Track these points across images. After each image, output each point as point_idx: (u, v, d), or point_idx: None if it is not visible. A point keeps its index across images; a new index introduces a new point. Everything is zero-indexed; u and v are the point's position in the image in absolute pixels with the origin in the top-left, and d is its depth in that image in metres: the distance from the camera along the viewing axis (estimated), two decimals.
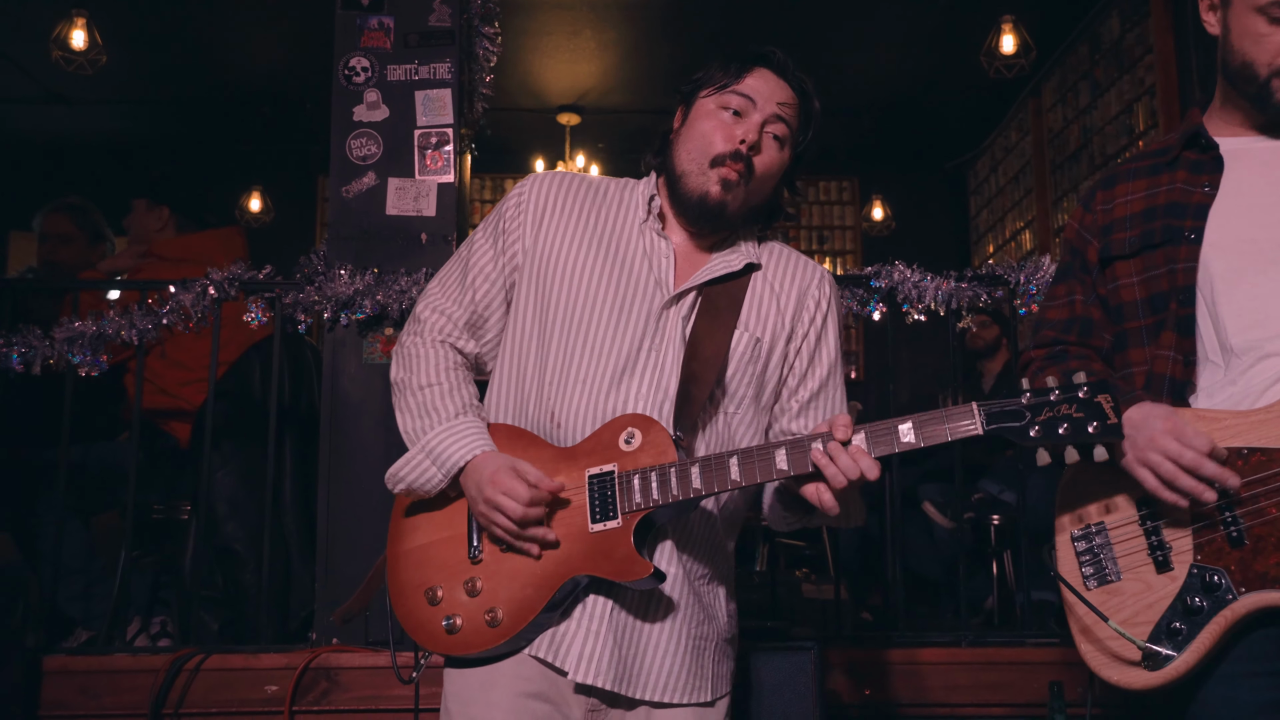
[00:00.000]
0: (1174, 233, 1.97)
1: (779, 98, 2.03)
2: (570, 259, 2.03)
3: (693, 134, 2.02)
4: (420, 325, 2.10)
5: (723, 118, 2.00)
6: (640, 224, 2.07)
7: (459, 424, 1.96)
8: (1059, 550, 1.95)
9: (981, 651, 3.23)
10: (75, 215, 4.43)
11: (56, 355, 3.23)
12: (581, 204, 2.09)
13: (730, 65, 2.03)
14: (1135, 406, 1.85)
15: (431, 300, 2.12)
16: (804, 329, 2.08)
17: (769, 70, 2.04)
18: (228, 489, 3.81)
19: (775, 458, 1.80)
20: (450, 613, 1.91)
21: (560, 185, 2.11)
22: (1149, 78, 6.11)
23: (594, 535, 1.85)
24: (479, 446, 1.93)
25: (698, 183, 2.00)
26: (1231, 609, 1.75)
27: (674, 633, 1.93)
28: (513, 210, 2.09)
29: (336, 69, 3.44)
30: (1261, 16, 1.91)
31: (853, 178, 9.40)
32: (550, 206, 2.08)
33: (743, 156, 1.99)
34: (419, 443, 1.97)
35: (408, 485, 1.98)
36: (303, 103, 7.55)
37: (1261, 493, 1.77)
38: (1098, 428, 1.70)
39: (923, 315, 3.32)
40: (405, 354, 2.09)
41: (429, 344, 2.08)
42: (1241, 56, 1.95)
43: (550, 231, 2.06)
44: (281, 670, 3.12)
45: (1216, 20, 2.03)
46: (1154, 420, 1.81)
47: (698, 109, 2.04)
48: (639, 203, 2.09)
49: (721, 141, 1.99)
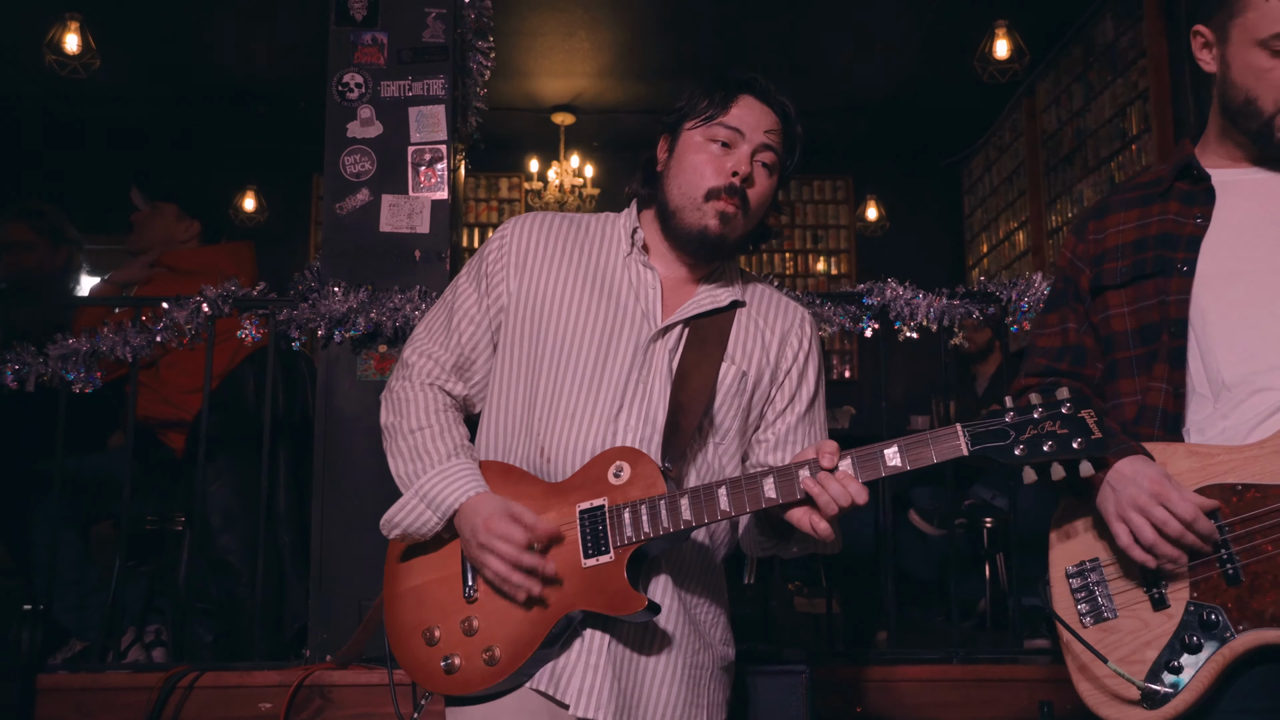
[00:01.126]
0: (1166, 264, 1.97)
1: (765, 125, 2.04)
2: (556, 297, 2.04)
3: (683, 168, 2.03)
4: (408, 370, 2.11)
5: (711, 150, 2.02)
6: (624, 257, 2.08)
7: (452, 466, 1.97)
8: (1054, 587, 1.96)
9: (972, 669, 3.24)
10: (33, 220, 4.36)
11: (50, 372, 3.22)
12: (564, 242, 2.10)
13: (714, 94, 2.04)
14: (1126, 460, 1.85)
15: (418, 345, 2.13)
16: (786, 366, 2.11)
17: (753, 97, 2.05)
18: (222, 501, 3.80)
19: (763, 486, 1.82)
20: (448, 653, 1.92)
21: (541, 226, 2.12)
22: (1142, 82, 6.11)
23: (587, 570, 1.87)
24: (473, 488, 1.94)
25: (694, 218, 2.01)
26: (1230, 647, 1.75)
27: (671, 663, 1.95)
28: (495, 254, 2.10)
29: (330, 85, 3.43)
30: (1264, 51, 1.90)
31: (847, 176, 9.41)
32: (532, 248, 2.09)
33: (738, 190, 2.00)
34: (413, 487, 1.98)
35: (403, 530, 1.99)
36: (297, 101, 7.55)
37: (1257, 530, 1.77)
38: (1082, 443, 1.71)
39: (914, 333, 3.32)
40: (395, 399, 2.10)
41: (418, 387, 2.09)
42: (1245, 93, 1.94)
43: (534, 273, 2.07)
44: (275, 688, 3.12)
45: (1213, 58, 2.02)
46: (1141, 479, 1.81)
47: (685, 141, 2.05)
48: (621, 236, 2.11)
49: (714, 175, 2.00)
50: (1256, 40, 1.91)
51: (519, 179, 9.22)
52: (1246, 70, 1.93)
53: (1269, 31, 1.89)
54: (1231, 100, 1.97)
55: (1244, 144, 2.00)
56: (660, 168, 2.10)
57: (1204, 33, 2.03)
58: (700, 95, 2.06)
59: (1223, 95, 1.99)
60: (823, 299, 3.35)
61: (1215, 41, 2.00)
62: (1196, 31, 2.04)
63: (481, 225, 9.30)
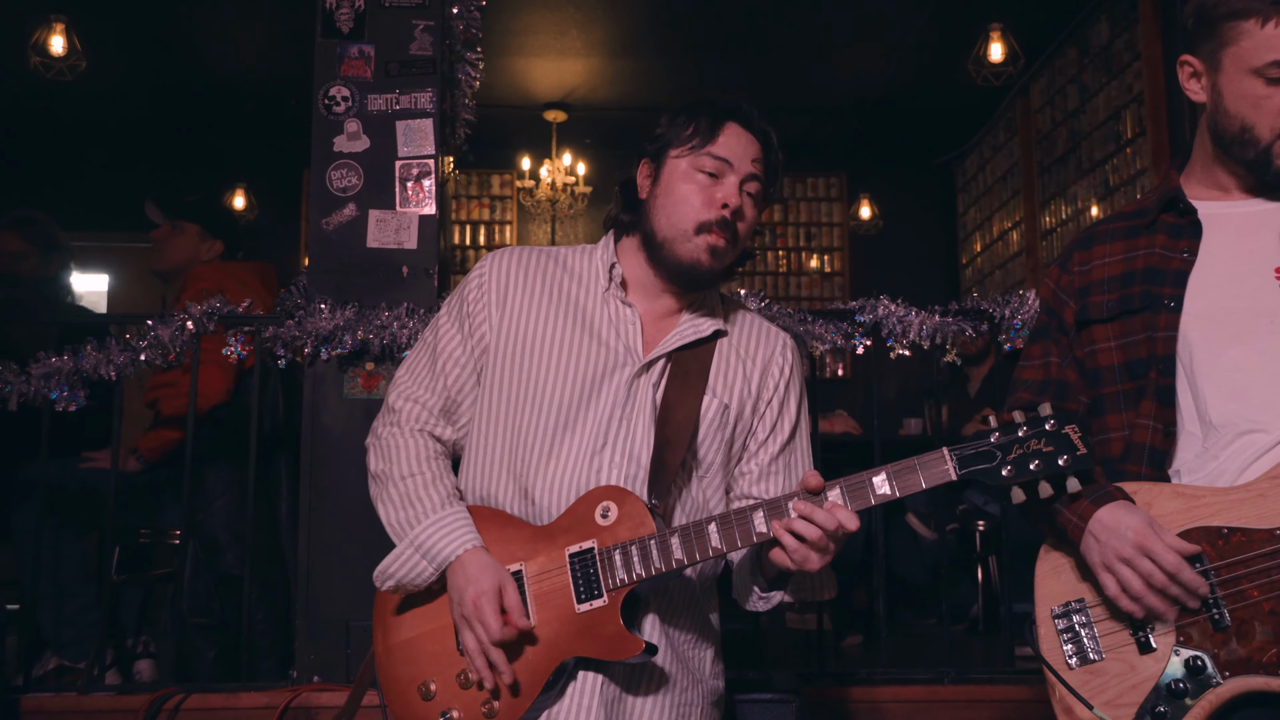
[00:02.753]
0: (1153, 300, 1.95)
1: (752, 154, 2.02)
2: (537, 335, 2.02)
3: (671, 199, 2.00)
4: (396, 415, 2.08)
5: (699, 180, 1.99)
6: (603, 293, 2.05)
7: (446, 516, 1.95)
8: (1040, 627, 1.93)
9: (964, 689, 3.22)
10: (23, 230, 4.31)
11: (33, 391, 3.18)
12: (543, 278, 2.08)
13: (700, 121, 2.01)
14: (1107, 508, 1.83)
15: (403, 389, 2.10)
16: (768, 397, 2.10)
17: (739, 125, 2.03)
18: (226, 516, 3.77)
19: (754, 520, 1.81)
20: (446, 707, 1.91)
21: (520, 262, 2.09)
22: (1137, 85, 6.08)
23: (581, 616, 1.85)
24: (468, 541, 1.92)
25: (685, 250, 1.99)
26: (1216, 693, 1.74)
27: (660, 703, 1.93)
28: (475, 293, 2.07)
29: (316, 98, 3.39)
30: (1259, 79, 1.88)
31: (840, 174, 9.37)
32: (512, 285, 2.06)
33: (729, 224, 1.98)
34: (407, 537, 1.95)
35: (397, 581, 1.96)
36: (286, 98, 7.49)
37: (1243, 575, 1.75)
38: (1068, 460, 1.72)
39: (907, 350, 3.29)
40: (383, 445, 2.07)
41: (407, 434, 2.06)
42: (1240, 121, 1.91)
43: (515, 310, 2.04)
44: (262, 710, 3.09)
45: (1202, 88, 1.98)
46: (1125, 530, 1.79)
47: (671, 170, 2.02)
48: (599, 271, 2.08)
49: (704, 208, 1.98)
50: (1251, 69, 1.88)
51: (511, 176, 9.18)
52: (1242, 99, 1.90)
53: (1265, 59, 1.86)
54: (1225, 130, 1.94)
55: (1238, 173, 1.97)
56: (644, 195, 2.07)
57: (1192, 63, 1.99)
58: (685, 122, 2.03)
59: (1215, 125, 1.96)
60: (814, 316, 3.33)
61: (1205, 71, 1.97)
62: (1184, 62, 2.01)
63: (473, 223, 9.26)
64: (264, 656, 3.63)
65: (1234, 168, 1.97)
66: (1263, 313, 1.87)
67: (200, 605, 3.68)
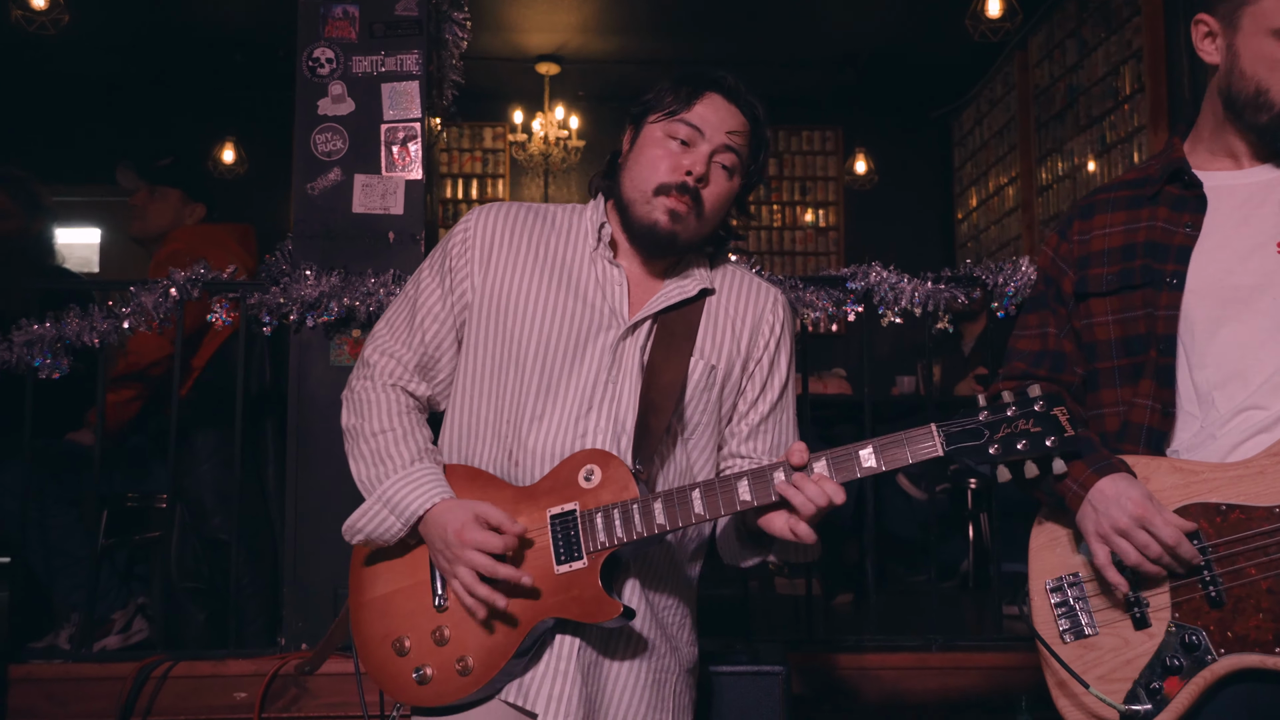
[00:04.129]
0: (1154, 276, 1.91)
1: (729, 126, 1.99)
2: (522, 294, 2.00)
3: (639, 161, 1.99)
4: (370, 370, 2.06)
5: (670, 146, 1.97)
6: (591, 252, 2.03)
7: (415, 471, 1.93)
8: (1034, 599, 1.93)
9: (951, 656, 3.25)
10: (9, 187, 4.23)
11: (15, 359, 3.15)
12: (529, 235, 2.05)
13: (680, 89, 1.99)
14: (1108, 479, 1.81)
15: (380, 343, 2.08)
16: (758, 355, 2.08)
17: (720, 96, 2.00)
18: (214, 480, 3.75)
19: (738, 489, 1.80)
20: (420, 663, 1.90)
21: (506, 218, 2.06)
22: (1136, 40, 6.01)
23: (560, 577, 1.84)
24: (438, 494, 1.90)
25: (644, 211, 1.97)
26: (1210, 670, 1.73)
27: (637, 668, 1.93)
28: (459, 248, 2.04)
29: (299, 59, 3.33)
30: (1278, 40, 1.82)
31: (836, 127, 9.29)
32: (497, 241, 2.03)
33: (689, 189, 1.96)
34: (375, 492, 1.94)
35: (366, 536, 1.96)
36: (275, 49, 7.39)
37: (1241, 552, 1.74)
38: (1055, 442, 1.71)
39: (899, 318, 3.27)
40: (356, 400, 2.05)
41: (380, 388, 2.04)
42: (1256, 84, 1.86)
43: (499, 267, 2.01)
44: (250, 677, 3.11)
45: (1216, 48, 1.93)
46: (1125, 501, 1.77)
47: (645, 135, 2.01)
48: (589, 230, 2.06)
49: (666, 171, 1.96)
50: (1272, 29, 1.82)
51: (503, 129, 9.10)
52: (1259, 60, 1.85)
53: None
54: (1240, 92, 1.88)
55: (1249, 139, 1.92)
56: (622, 160, 2.05)
57: (1208, 21, 1.93)
58: (667, 89, 2.01)
59: (1228, 88, 1.91)
60: (806, 283, 3.30)
61: (1221, 31, 1.91)
62: (1199, 20, 1.95)
63: (465, 176, 9.19)
64: (251, 621, 3.63)
65: (1244, 133, 1.92)
66: (1265, 289, 1.84)
67: (188, 570, 3.68)
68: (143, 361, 3.61)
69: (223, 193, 4.25)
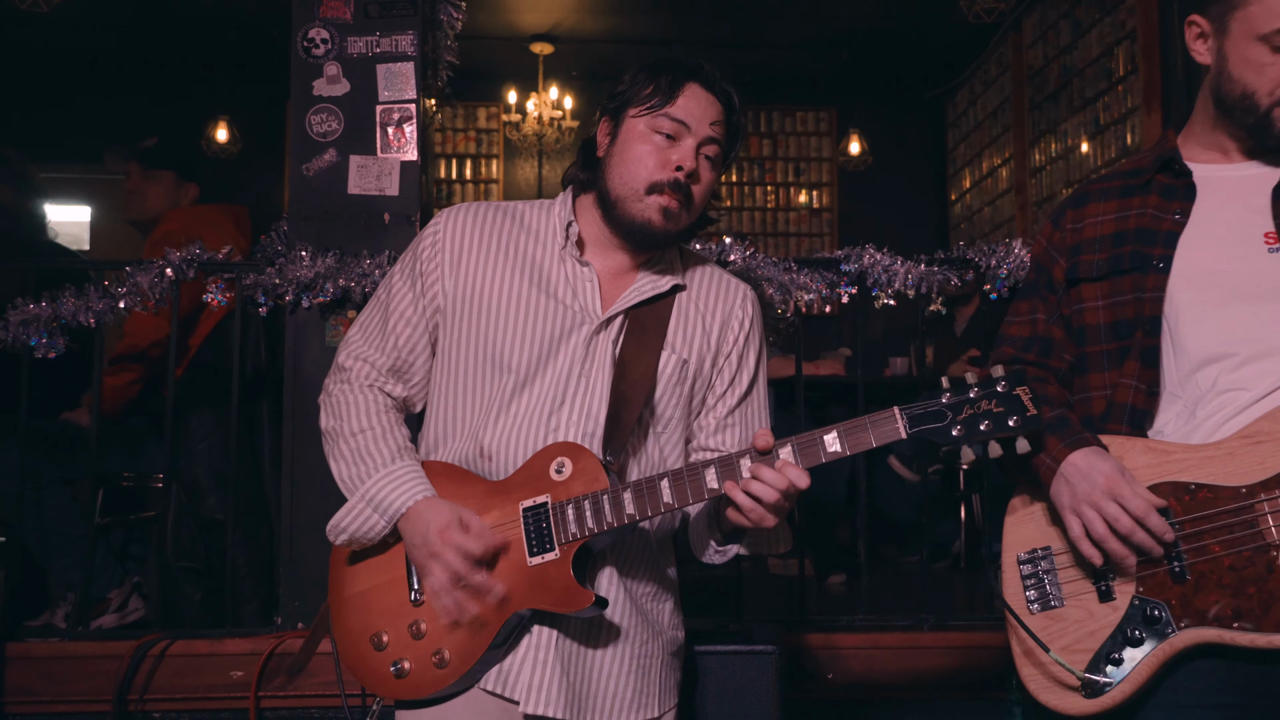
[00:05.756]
0: (1143, 260, 1.96)
1: (711, 117, 1.99)
2: (494, 295, 2.01)
3: (626, 158, 1.99)
4: (346, 374, 2.08)
5: (655, 141, 1.97)
6: (560, 250, 2.04)
7: (398, 469, 1.95)
8: (1005, 572, 1.99)
9: (942, 635, 3.29)
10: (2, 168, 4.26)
11: (11, 338, 3.16)
12: (499, 236, 2.05)
13: (660, 80, 1.98)
14: (1081, 452, 1.86)
15: (353, 348, 2.09)
16: (727, 350, 2.10)
17: (699, 86, 1.99)
18: (209, 460, 3.77)
19: (705, 477, 1.83)
20: (397, 657, 1.92)
21: (475, 219, 2.07)
22: (1130, 22, 6.01)
23: (533, 568, 1.87)
24: (420, 492, 1.92)
25: (636, 209, 1.97)
26: (1170, 643, 1.79)
27: (619, 655, 1.96)
28: (429, 251, 2.05)
29: (294, 40, 3.33)
30: (1264, 45, 1.87)
31: (830, 108, 9.29)
32: (467, 243, 2.04)
33: (682, 186, 1.96)
34: (358, 491, 1.96)
35: (350, 535, 1.97)
36: (269, 28, 7.37)
37: (1206, 530, 1.79)
38: (1018, 421, 1.74)
39: (892, 300, 3.29)
40: (334, 402, 2.06)
41: (357, 390, 2.05)
42: (1242, 86, 1.91)
43: (470, 269, 2.02)
44: (246, 656, 3.14)
45: (1208, 49, 1.98)
46: (1096, 475, 1.82)
47: (628, 130, 2.00)
48: (556, 229, 2.06)
49: (657, 169, 1.96)
50: (1258, 35, 1.87)
51: (497, 109, 9.08)
52: (1245, 65, 1.90)
53: (1273, 26, 1.86)
54: (1228, 94, 1.94)
55: (1239, 136, 1.98)
56: (601, 153, 2.04)
57: (1200, 23, 1.98)
58: (645, 81, 1.99)
59: (1218, 88, 1.96)
60: (800, 265, 3.31)
61: (1212, 33, 1.96)
62: (1192, 21, 2.00)
63: (459, 156, 9.18)
64: (247, 600, 3.66)
65: (1235, 131, 1.97)
66: (1249, 276, 1.89)
67: (184, 549, 3.69)
68: (143, 343, 3.63)
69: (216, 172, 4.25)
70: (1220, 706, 1.79)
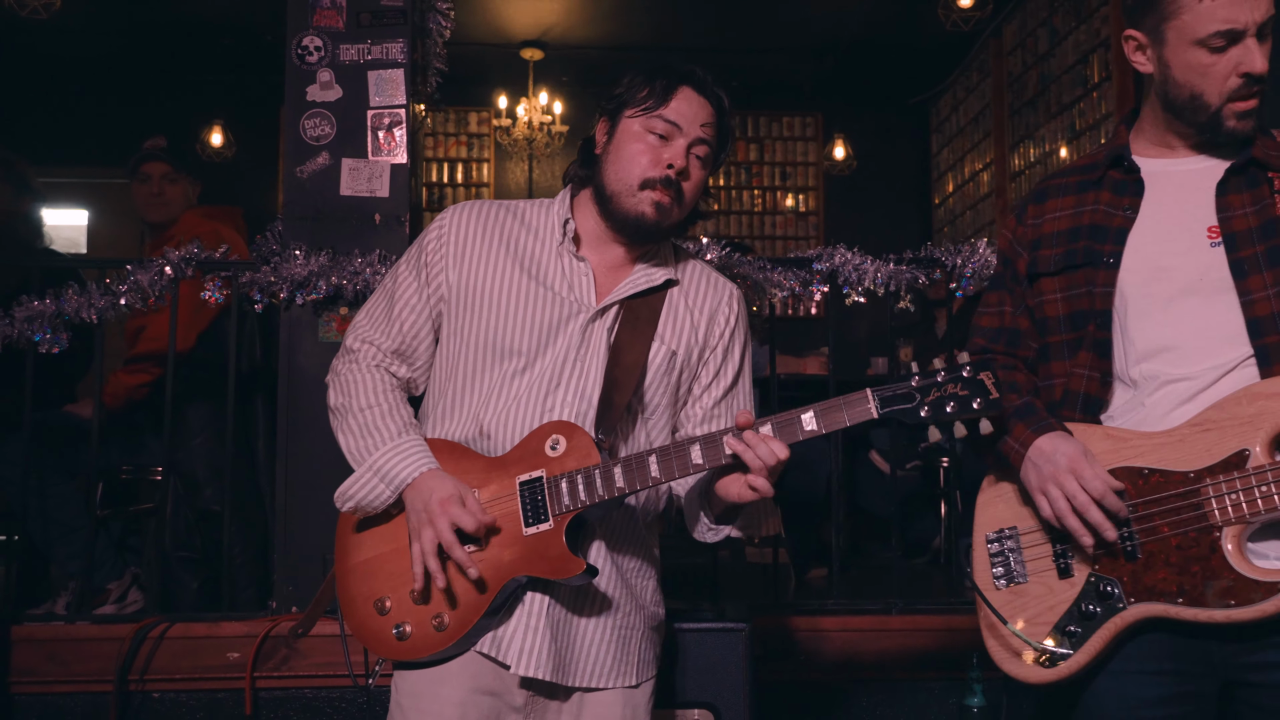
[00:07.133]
0: (1094, 256, 2.05)
1: (702, 119, 2.13)
2: (495, 288, 2.13)
3: (621, 156, 2.12)
4: (354, 355, 2.20)
5: (649, 140, 2.10)
6: (557, 246, 2.17)
7: (404, 442, 2.07)
8: (975, 550, 2.10)
9: (911, 619, 3.40)
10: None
11: (16, 334, 3.28)
12: (501, 232, 2.19)
13: (655, 84, 2.11)
14: (1046, 436, 1.98)
15: (360, 332, 2.22)
16: (713, 343, 2.23)
17: (692, 89, 2.12)
18: (205, 454, 3.88)
19: (690, 453, 1.94)
20: (399, 620, 2.04)
21: (479, 216, 2.20)
22: (1104, 29, 6.16)
23: (529, 538, 1.98)
24: (424, 464, 2.04)
25: (630, 204, 2.11)
26: (1121, 616, 1.90)
27: (604, 624, 2.08)
28: (434, 244, 2.18)
29: (289, 48, 3.46)
30: (1202, 49, 1.95)
31: (816, 114, 9.41)
32: (470, 238, 2.17)
33: (673, 183, 2.10)
34: (366, 462, 2.08)
35: (356, 503, 2.09)
36: (263, 33, 7.47)
37: (1156, 512, 1.90)
38: (981, 403, 1.86)
39: (862, 297, 3.42)
40: (342, 381, 2.18)
41: (364, 369, 2.18)
42: (1189, 90, 1.98)
43: (473, 264, 2.15)
44: (242, 638, 3.25)
45: (1148, 59, 2.05)
46: (1059, 456, 1.94)
47: (623, 129, 2.14)
48: (555, 226, 2.19)
49: (650, 166, 2.10)
50: (1195, 40, 1.95)
51: (488, 114, 9.19)
52: (1189, 69, 1.98)
53: (1207, 30, 1.93)
54: (1176, 97, 2.01)
55: (1187, 134, 2.05)
56: (599, 151, 2.18)
57: (1136, 36, 2.06)
58: (640, 84, 2.13)
59: (1165, 93, 2.03)
60: (773, 264, 3.44)
61: (1150, 44, 2.04)
62: (1129, 36, 2.08)
63: (450, 160, 9.29)
64: (243, 588, 3.77)
65: (1183, 129, 2.05)
66: (1192, 271, 1.98)
67: (181, 539, 3.81)
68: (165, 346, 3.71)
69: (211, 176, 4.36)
70: (1164, 674, 1.90)
